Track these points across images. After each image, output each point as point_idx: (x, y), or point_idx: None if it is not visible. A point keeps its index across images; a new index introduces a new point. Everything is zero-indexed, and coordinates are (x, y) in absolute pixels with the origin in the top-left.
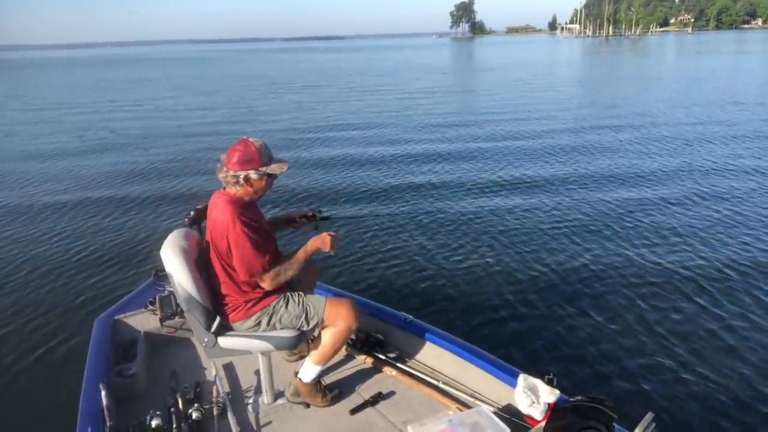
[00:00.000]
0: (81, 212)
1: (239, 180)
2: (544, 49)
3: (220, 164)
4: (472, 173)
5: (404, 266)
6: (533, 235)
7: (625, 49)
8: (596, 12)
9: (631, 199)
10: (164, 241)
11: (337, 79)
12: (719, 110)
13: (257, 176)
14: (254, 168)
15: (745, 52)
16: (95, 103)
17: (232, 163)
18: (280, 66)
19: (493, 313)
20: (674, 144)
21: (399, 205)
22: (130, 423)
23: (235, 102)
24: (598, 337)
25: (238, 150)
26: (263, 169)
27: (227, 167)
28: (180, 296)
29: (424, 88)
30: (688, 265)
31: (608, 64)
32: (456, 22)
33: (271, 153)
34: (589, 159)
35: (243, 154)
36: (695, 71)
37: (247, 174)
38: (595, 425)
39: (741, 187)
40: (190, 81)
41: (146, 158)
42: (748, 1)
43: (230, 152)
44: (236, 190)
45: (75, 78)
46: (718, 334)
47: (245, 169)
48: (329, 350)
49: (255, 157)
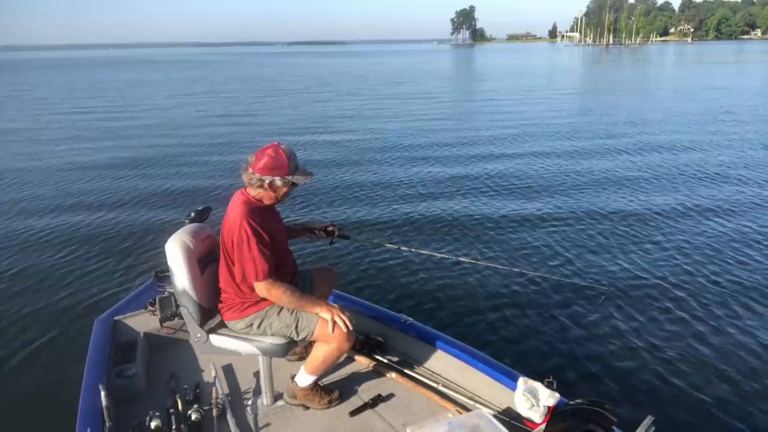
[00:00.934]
0: (81, 212)
1: (264, 184)
2: (546, 57)
3: (246, 164)
4: (472, 179)
5: (404, 269)
6: (533, 239)
7: (627, 58)
8: (596, 21)
9: (630, 204)
10: (171, 235)
11: (342, 84)
12: (732, 123)
13: (282, 183)
14: (281, 175)
15: (748, 62)
16: (94, 104)
17: (260, 166)
18: (284, 70)
19: (493, 316)
20: (674, 153)
21: (399, 208)
22: (130, 424)
23: (237, 104)
24: (598, 341)
25: (268, 154)
26: (289, 177)
27: (254, 169)
28: (177, 290)
29: (424, 94)
30: (688, 270)
31: (612, 73)
32: (457, 29)
33: (298, 162)
34: (586, 166)
35: (273, 160)
36: (705, 81)
37: (273, 179)
38: (595, 428)
39: (741, 197)
40: (193, 83)
41: (148, 158)
42: (747, 12)
43: (259, 154)
44: (258, 192)
45: (75, 78)
46: (718, 338)
47: (272, 175)
48: (320, 365)
49: (284, 164)
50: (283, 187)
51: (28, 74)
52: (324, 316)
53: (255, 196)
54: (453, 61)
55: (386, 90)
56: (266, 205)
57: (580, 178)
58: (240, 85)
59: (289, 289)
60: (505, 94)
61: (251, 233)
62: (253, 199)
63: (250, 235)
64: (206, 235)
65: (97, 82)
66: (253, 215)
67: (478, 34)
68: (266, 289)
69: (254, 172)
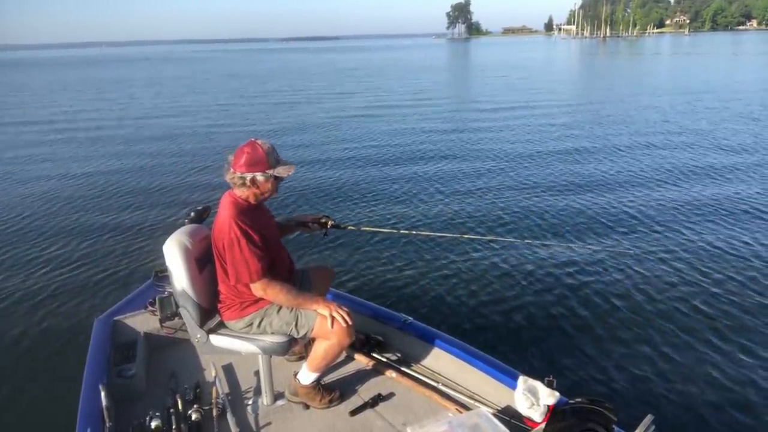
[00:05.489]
0: (81, 212)
1: (245, 181)
2: (544, 50)
3: (228, 165)
4: (469, 176)
5: (404, 268)
6: (533, 236)
7: (627, 50)
8: (592, 13)
9: (629, 201)
10: (169, 236)
11: (336, 80)
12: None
13: (263, 178)
14: (261, 170)
15: (748, 54)
16: (94, 104)
17: (240, 164)
18: (280, 66)
19: (493, 314)
20: (680, 148)
21: (398, 206)
22: (130, 424)
23: (235, 102)
24: (598, 339)
25: (246, 151)
26: (270, 171)
27: (234, 168)
28: (176, 291)
29: (420, 90)
30: (688, 270)
31: (617, 67)
32: (452, 23)
33: (278, 155)
34: (586, 163)
35: (250, 156)
36: (709, 74)
37: (254, 176)
38: (595, 427)
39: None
40: (189, 81)
41: (148, 158)
42: (743, 3)
43: (238, 153)
44: (242, 191)
45: (70, 77)
46: (717, 337)
47: (252, 171)
48: (322, 362)
49: (262, 159)
50: (266, 183)
51: (18, 74)
52: (322, 312)
53: (241, 195)
54: (450, 56)
55: (379, 87)
56: (254, 203)
57: (573, 175)
58: (236, 82)
59: (285, 288)
60: (505, 90)
61: (241, 234)
62: (240, 200)
63: (240, 237)
64: (204, 235)
65: (92, 81)
66: (241, 216)
67: (473, 27)
68: (262, 289)
69: (235, 171)
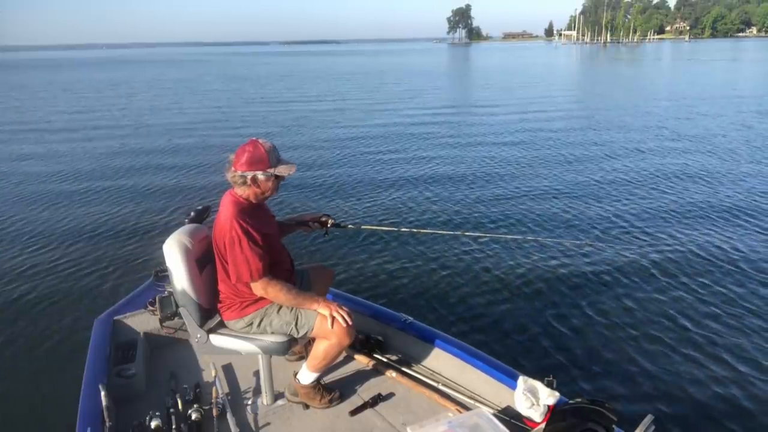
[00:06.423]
0: (80, 212)
1: (246, 180)
2: (545, 55)
3: (229, 164)
4: (469, 176)
5: (404, 268)
6: (533, 234)
7: (627, 56)
8: (593, 19)
9: (631, 201)
10: (169, 236)
11: (337, 82)
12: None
13: (264, 177)
14: (262, 169)
15: (747, 61)
16: (94, 104)
17: (240, 163)
18: (281, 68)
19: (493, 314)
20: (680, 151)
21: (399, 205)
22: (130, 423)
23: (236, 103)
24: (598, 340)
25: (247, 151)
26: (271, 170)
27: (235, 167)
28: (176, 291)
29: (420, 92)
30: (688, 270)
31: (617, 73)
32: (453, 28)
33: (279, 155)
34: (587, 164)
35: (251, 155)
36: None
37: (255, 175)
38: (595, 427)
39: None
40: (190, 83)
41: (148, 158)
42: (743, 10)
43: (239, 152)
44: (243, 190)
45: (70, 78)
46: (718, 337)
47: (253, 170)
48: (322, 362)
49: (263, 158)
50: (267, 182)
51: (18, 75)
52: (322, 312)
53: (242, 195)
54: (450, 61)
55: (384, 90)
56: (255, 203)
57: (572, 177)
58: (237, 84)
59: (286, 287)
60: (507, 98)
61: (242, 233)
62: (241, 199)
63: (241, 236)
64: (203, 235)
65: (93, 81)
66: (242, 215)
67: (474, 32)
68: (262, 288)
69: (236, 170)
